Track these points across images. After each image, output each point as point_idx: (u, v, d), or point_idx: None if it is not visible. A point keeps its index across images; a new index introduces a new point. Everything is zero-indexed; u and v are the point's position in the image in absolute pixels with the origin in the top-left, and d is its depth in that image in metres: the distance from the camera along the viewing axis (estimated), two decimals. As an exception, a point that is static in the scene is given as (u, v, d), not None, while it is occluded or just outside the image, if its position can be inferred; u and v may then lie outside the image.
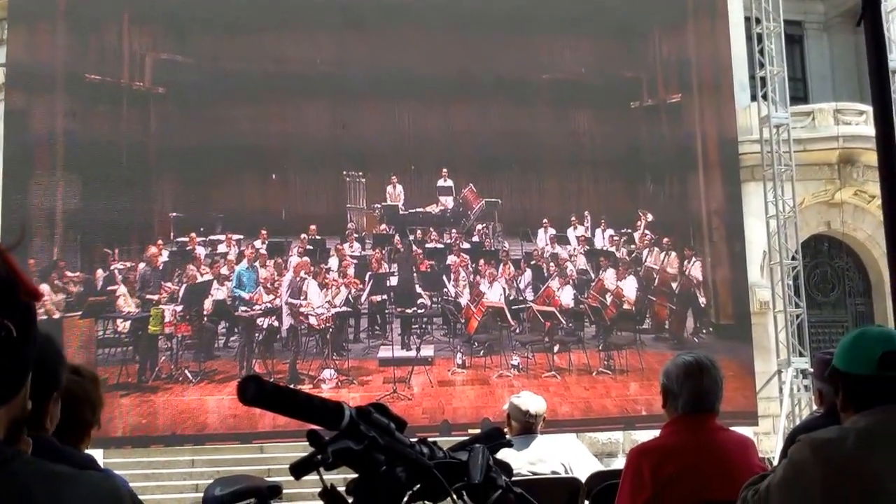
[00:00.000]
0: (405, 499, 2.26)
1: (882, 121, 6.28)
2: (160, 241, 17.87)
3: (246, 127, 18.56)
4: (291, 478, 2.10)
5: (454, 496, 2.27)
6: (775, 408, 19.70)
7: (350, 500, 2.19)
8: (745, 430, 4.52)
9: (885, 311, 21.34)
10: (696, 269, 20.10)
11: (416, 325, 18.78)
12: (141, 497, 2.48)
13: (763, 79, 20.81)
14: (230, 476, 3.89)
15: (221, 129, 18.39)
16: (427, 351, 18.58)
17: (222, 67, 18.68)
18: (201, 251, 18.00)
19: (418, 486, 2.25)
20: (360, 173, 19.17)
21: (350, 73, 19.13)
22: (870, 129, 6.24)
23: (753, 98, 21.88)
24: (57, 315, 16.95)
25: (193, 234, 18.02)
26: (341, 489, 2.23)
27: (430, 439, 2.34)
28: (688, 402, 4.28)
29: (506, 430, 6.41)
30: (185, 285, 17.77)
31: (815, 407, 5.62)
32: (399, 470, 2.18)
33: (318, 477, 2.15)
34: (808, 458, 2.91)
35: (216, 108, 18.45)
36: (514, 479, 3.44)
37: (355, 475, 2.16)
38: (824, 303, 23.61)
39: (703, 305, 20.09)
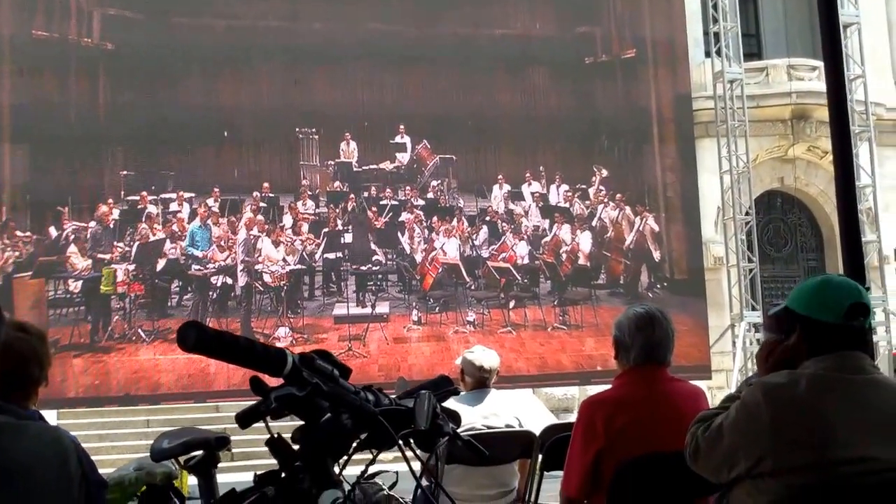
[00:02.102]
0: (352, 447, 2.24)
1: (833, 76, 6.29)
2: (111, 200, 17.66)
3: (197, 84, 18.35)
4: (250, 437, 2.08)
5: (401, 443, 2.25)
6: (728, 362, 19.90)
7: (296, 448, 2.17)
8: (698, 384, 4.56)
9: (837, 266, 21.53)
10: (651, 224, 20.20)
11: (372, 283, 18.76)
12: (95, 457, 2.44)
13: (717, 34, 20.80)
14: (178, 429, 3.88)
15: (172, 86, 18.16)
16: (382, 308, 18.57)
17: (173, 23, 18.44)
18: (153, 210, 17.81)
19: (365, 433, 2.23)
20: (314, 130, 19.02)
21: (303, 31, 18.95)
22: (823, 85, 6.28)
23: (707, 54, 21.89)
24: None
25: (144, 193, 17.83)
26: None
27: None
28: (639, 353, 4.29)
29: (459, 386, 6.41)
30: (137, 244, 17.60)
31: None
32: (344, 417, 2.16)
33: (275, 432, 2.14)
34: (760, 401, 2.93)
35: (167, 66, 18.20)
36: (468, 433, 3.42)
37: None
38: (777, 258, 23.80)
39: (657, 260, 20.22)
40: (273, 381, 2.18)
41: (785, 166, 23.41)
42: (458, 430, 2.55)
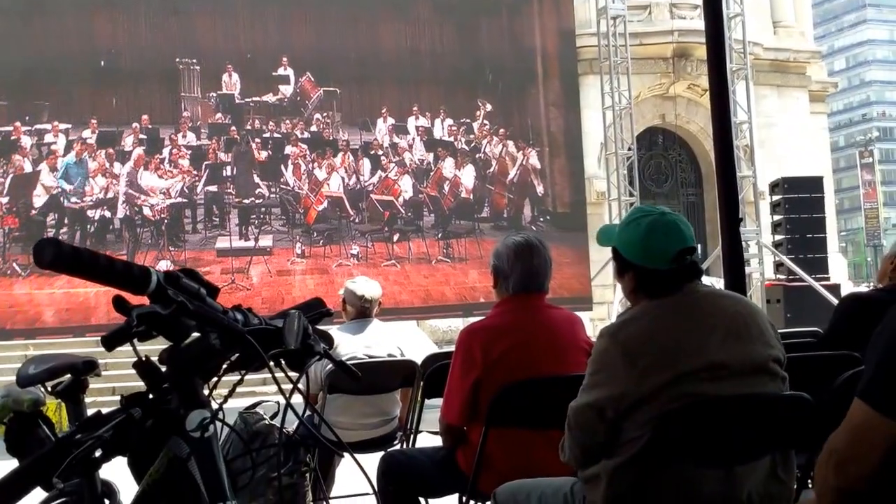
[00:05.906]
0: (223, 368, 2.19)
1: (712, 14, 6.34)
2: (-19, 131, 17.11)
3: (72, 11, 17.76)
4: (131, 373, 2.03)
5: (270, 363, 2.21)
6: (609, 294, 20.24)
7: (164, 370, 2.12)
8: (580, 315, 4.61)
9: (714, 200, 22.01)
10: (533, 159, 20.33)
11: (255, 216, 18.54)
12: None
13: (601, -30, 20.89)
14: (44, 354, 3.77)
15: (45, 12, 17.54)
16: (266, 241, 18.40)
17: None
18: (27, 141, 17.28)
19: (235, 354, 2.19)
20: (194, 61, 18.58)
21: (182, -43, 18.49)
22: (703, 24, 6.33)
23: (592, -10, 22.00)
24: None
25: (18, 123, 17.26)
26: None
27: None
28: (518, 281, 4.31)
29: (342, 315, 6.40)
30: (10, 176, 17.08)
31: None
32: (212, 337, 2.11)
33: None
34: (608, 344, 3.02)
35: (40, -9, 17.60)
36: (350, 362, 3.40)
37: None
38: (658, 193, 24.26)
39: (540, 195, 20.39)
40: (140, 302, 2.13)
41: (666, 103, 23.78)
42: (337, 357, 2.52)
